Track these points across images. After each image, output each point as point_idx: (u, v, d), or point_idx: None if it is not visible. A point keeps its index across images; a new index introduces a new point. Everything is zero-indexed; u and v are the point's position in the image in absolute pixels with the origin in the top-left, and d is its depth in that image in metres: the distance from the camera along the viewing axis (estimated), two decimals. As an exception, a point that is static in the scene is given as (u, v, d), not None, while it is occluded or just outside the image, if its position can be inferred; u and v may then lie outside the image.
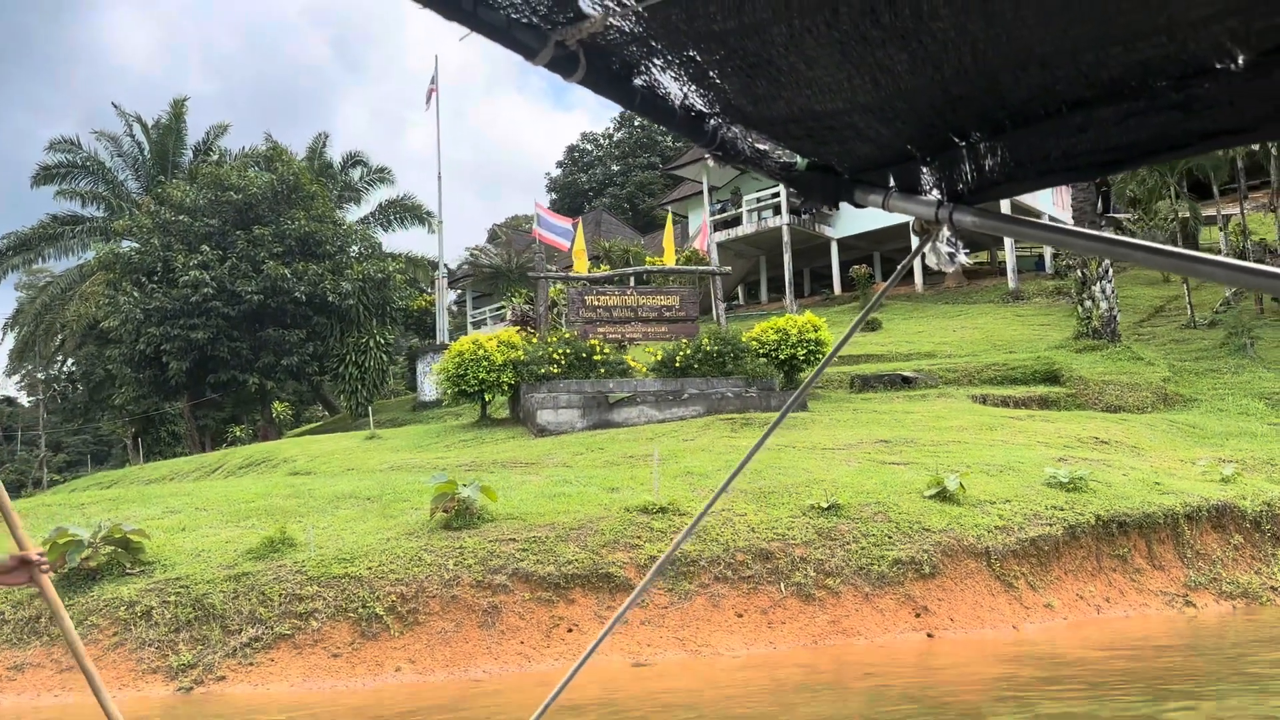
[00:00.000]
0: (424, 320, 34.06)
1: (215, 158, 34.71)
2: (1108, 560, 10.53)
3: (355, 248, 28.43)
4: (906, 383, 19.28)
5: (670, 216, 23.62)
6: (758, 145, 1.30)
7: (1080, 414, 17.47)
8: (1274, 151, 33.64)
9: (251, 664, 8.21)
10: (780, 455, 12.72)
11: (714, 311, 19.85)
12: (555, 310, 22.65)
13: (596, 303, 18.67)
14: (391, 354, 28.01)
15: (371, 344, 26.95)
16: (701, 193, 38.56)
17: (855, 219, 34.99)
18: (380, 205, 40.04)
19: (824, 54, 1.04)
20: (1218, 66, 0.92)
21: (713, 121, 1.23)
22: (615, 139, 78.91)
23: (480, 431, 17.62)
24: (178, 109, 37.06)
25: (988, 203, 1.26)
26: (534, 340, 18.46)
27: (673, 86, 1.16)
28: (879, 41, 1.00)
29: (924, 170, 1.27)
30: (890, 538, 9.79)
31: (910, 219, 1.34)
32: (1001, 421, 15.94)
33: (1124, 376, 19.59)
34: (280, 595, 8.69)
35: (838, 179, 1.36)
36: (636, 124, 76.94)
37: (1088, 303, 21.78)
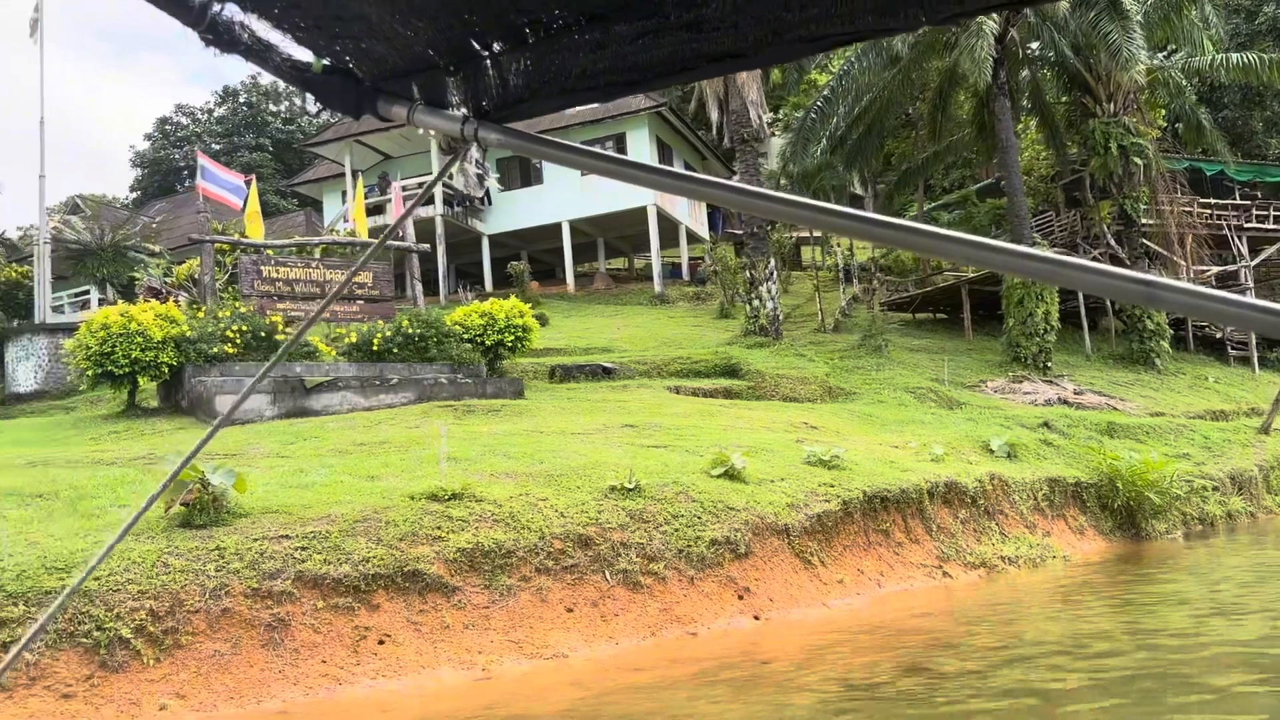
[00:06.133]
0: (13, 296, 28.08)
1: None
2: (874, 535, 10.81)
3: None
4: (607, 373, 19.05)
5: (360, 182, 21.43)
6: (262, 36, 1.14)
7: (770, 404, 18.24)
8: (868, 189, 38.24)
9: (-69, 723, 5.74)
10: (539, 440, 11.73)
11: (410, 292, 18.23)
12: (198, 282, 19.60)
13: (276, 275, 16.32)
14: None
15: (-60, 321, 21.52)
16: (342, 175, 35.93)
17: (507, 217, 34.57)
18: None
19: None
20: None
21: None
22: (216, 115, 71.97)
23: (133, 422, 14.57)
24: None
25: (514, 121, 1.22)
26: (200, 315, 15.69)
27: None
28: None
29: (450, 82, 1.22)
30: (700, 518, 9.24)
31: (437, 136, 1.25)
32: (715, 409, 16.16)
33: (793, 371, 20.88)
34: (-35, 622, 6.21)
35: (360, 86, 1.25)
36: (241, 100, 70.76)
37: (755, 302, 23.02)
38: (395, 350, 16.26)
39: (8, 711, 5.87)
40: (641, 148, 33.77)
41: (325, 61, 1.23)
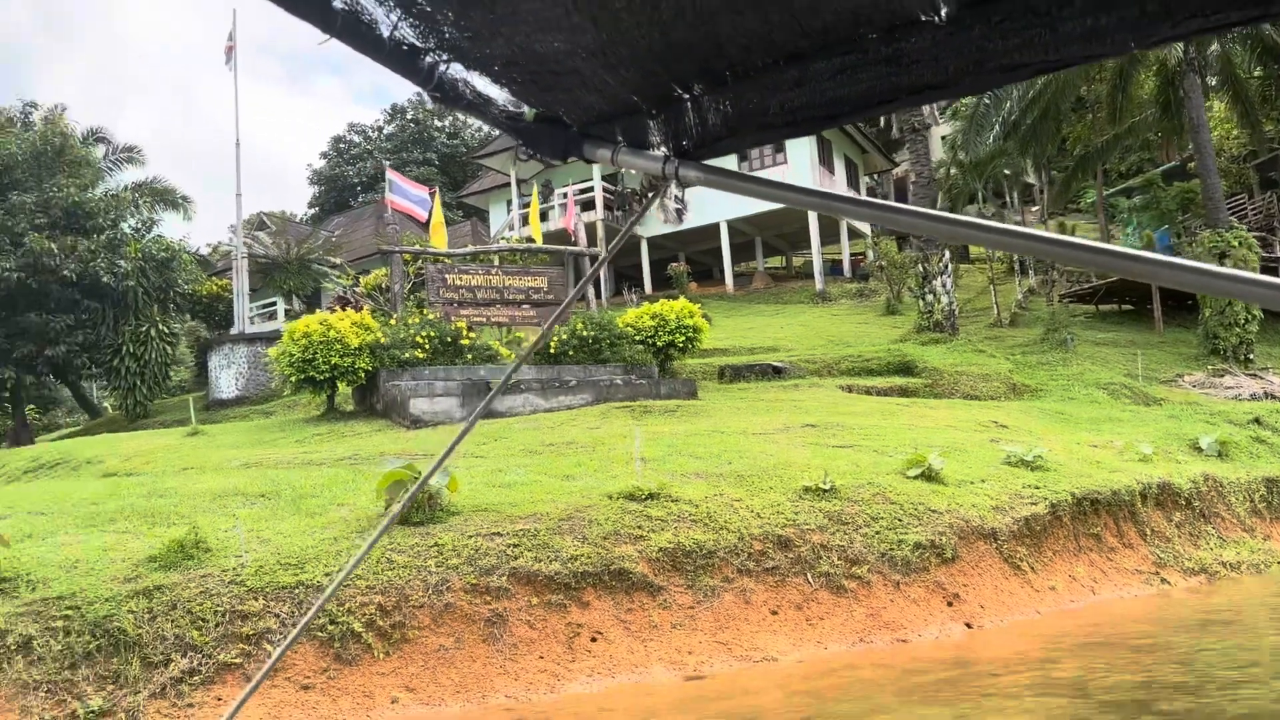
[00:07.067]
0: (214, 308, 30.21)
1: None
2: (1084, 540, 10.26)
3: (130, 222, 24.57)
4: (777, 373, 18.85)
5: (536, 190, 22.04)
6: (481, 91, 1.23)
7: (951, 402, 17.62)
8: (1041, 176, 36.60)
9: (190, 705, 6.14)
10: (722, 440, 11.68)
11: (585, 295, 18.55)
12: (384, 290, 20.48)
13: (459, 282, 16.88)
14: (175, 345, 24.43)
15: (153, 333, 23.32)
16: (506, 185, 37.05)
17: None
18: (127, 188, 35.12)
19: None
20: (922, 19, 0.96)
21: (428, 58, 1.14)
22: (386, 132, 75.36)
23: (333, 425, 15.36)
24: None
25: (713, 158, 1.25)
26: (393, 322, 16.40)
27: (378, 11, 1.05)
28: None
29: (651, 124, 1.26)
30: (900, 521, 8.98)
31: (641, 174, 1.07)
32: (894, 408, 15.73)
33: (973, 368, 20.12)
34: (215, 613, 6.62)
35: (567, 132, 1.31)
36: (409, 117, 73.85)
37: (929, 297, 22.34)
38: (571, 353, 16.56)
39: (252, 701, 6.22)
40: (800, 145, 33.29)
41: (537, 110, 1.29)
